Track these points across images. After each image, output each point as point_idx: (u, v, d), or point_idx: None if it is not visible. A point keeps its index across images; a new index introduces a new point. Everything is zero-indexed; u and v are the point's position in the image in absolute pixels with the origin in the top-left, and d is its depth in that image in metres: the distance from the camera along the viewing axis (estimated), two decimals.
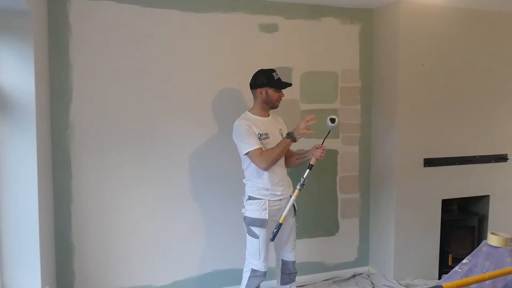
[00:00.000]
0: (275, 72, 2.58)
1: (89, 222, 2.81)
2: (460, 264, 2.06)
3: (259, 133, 2.50)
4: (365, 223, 3.58)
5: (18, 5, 2.02)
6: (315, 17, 3.26)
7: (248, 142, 2.46)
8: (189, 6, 2.92)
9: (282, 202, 2.56)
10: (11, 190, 2.20)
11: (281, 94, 2.60)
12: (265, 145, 2.50)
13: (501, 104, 3.56)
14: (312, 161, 2.55)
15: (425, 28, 3.22)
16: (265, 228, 2.49)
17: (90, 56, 2.73)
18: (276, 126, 2.64)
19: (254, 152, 2.45)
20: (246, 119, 2.53)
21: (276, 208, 2.54)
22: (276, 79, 2.56)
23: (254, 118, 2.57)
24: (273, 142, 2.53)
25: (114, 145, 2.82)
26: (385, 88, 3.36)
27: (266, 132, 2.53)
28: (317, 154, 2.54)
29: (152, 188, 2.93)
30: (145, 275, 2.96)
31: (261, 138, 2.50)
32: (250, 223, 2.51)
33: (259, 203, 2.50)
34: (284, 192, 2.57)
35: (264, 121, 2.58)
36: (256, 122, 2.54)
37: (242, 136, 2.48)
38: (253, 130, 2.49)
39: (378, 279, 3.35)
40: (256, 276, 2.56)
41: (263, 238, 2.50)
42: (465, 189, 3.49)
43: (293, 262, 2.69)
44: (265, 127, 2.55)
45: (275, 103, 2.59)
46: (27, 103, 2.19)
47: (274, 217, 2.54)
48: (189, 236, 3.05)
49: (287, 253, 2.68)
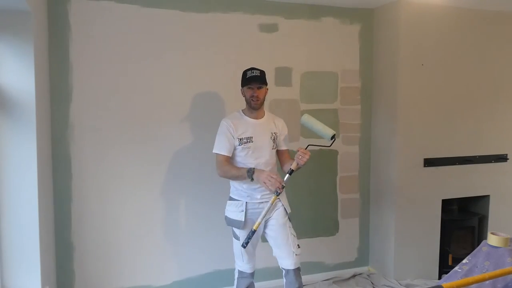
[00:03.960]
0: (253, 69, 2.44)
1: (89, 222, 2.81)
2: (460, 264, 2.06)
3: (240, 137, 2.41)
4: (365, 223, 3.58)
5: (18, 5, 2.02)
6: (315, 17, 3.26)
7: (219, 144, 2.43)
8: (189, 6, 2.92)
9: (263, 206, 2.42)
10: (11, 190, 2.20)
11: (254, 92, 2.39)
12: (244, 150, 2.41)
13: (501, 104, 3.56)
14: (292, 165, 2.35)
15: (425, 28, 3.22)
16: (243, 230, 2.42)
17: (90, 56, 2.73)
18: (268, 130, 2.49)
19: (218, 156, 2.42)
20: (231, 118, 2.47)
21: (256, 211, 2.43)
22: (247, 77, 2.42)
23: (243, 118, 2.48)
24: (255, 147, 2.42)
25: (114, 145, 2.82)
26: (385, 88, 3.36)
27: (250, 136, 2.42)
28: (297, 158, 2.32)
29: (152, 188, 2.94)
30: (145, 275, 2.96)
31: (242, 142, 2.41)
32: (229, 223, 2.50)
33: (237, 204, 2.46)
34: (267, 197, 2.43)
35: (253, 123, 2.47)
36: (243, 123, 2.46)
37: (218, 135, 2.46)
38: (231, 132, 2.40)
39: (378, 279, 3.35)
40: (243, 277, 2.55)
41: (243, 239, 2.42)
42: (465, 189, 3.49)
43: (293, 271, 2.43)
44: (252, 130, 2.44)
45: (251, 102, 2.42)
46: (27, 103, 2.19)
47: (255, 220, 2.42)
48: (189, 236, 3.05)
49: (284, 260, 2.45)
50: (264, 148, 2.45)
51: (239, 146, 2.43)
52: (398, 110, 3.22)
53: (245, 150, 2.42)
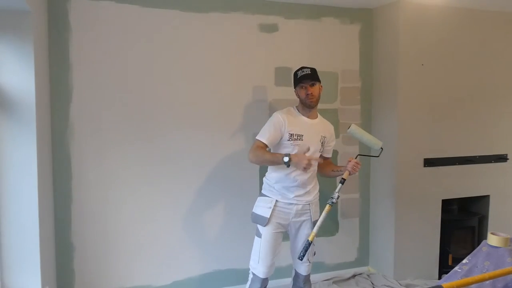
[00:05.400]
0: (302, 68, 2.48)
1: (89, 222, 2.81)
2: (460, 264, 2.06)
3: (291, 132, 2.40)
4: (365, 223, 3.58)
5: (18, 5, 2.02)
6: (315, 17, 3.26)
7: (264, 131, 2.41)
8: (189, 6, 2.92)
9: (295, 208, 2.42)
10: (11, 190, 2.20)
11: (308, 90, 2.41)
12: (292, 145, 2.39)
13: (501, 104, 3.56)
14: (344, 175, 2.41)
15: (425, 28, 3.22)
16: (268, 228, 2.39)
17: (90, 56, 2.73)
18: (319, 132, 2.48)
19: (257, 142, 2.40)
20: (285, 113, 2.46)
21: (286, 211, 2.42)
22: (298, 77, 2.46)
23: (297, 115, 2.48)
24: (303, 145, 2.41)
25: (114, 145, 2.82)
26: (385, 88, 3.36)
27: (301, 134, 2.41)
28: (349, 167, 2.41)
29: (152, 188, 2.93)
30: (145, 275, 2.96)
31: (292, 138, 2.40)
32: (254, 219, 2.48)
33: (267, 200, 2.45)
34: (300, 198, 2.43)
35: (306, 122, 2.47)
36: (297, 119, 2.45)
37: (267, 124, 2.45)
38: (281, 125, 2.39)
39: (378, 279, 3.35)
40: (255, 280, 2.45)
41: (265, 239, 2.40)
42: (465, 189, 3.49)
43: (304, 276, 2.55)
44: (304, 128, 2.43)
45: (306, 101, 2.43)
46: (27, 103, 2.19)
47: (283, 221, 2.43)
48: (189, 236, 3.05)
49: (300, 265, 2.55)
50: (311, 149, 2.44)
51: (288, 141, 2.40)
52: (398, 110, 3.22)
53: (293, 146, 2.40)
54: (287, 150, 2.41)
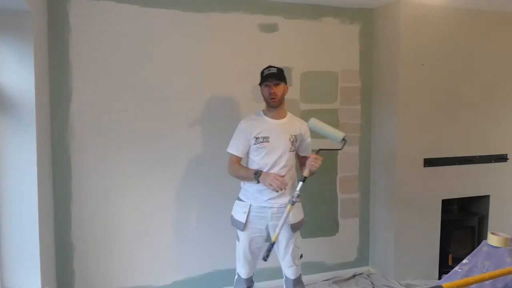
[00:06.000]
0: (269, 67, 2.42)
1: (89, 222, 2.81)
2: (460, 264, 2.06)
3: (256, 136, 2.37)
4: (365, 223, 3.58)
5: (18, 5, 2.02)
6: (315, 17, 3.26)
7: (232, 143, 2.44)
8: (189, 6, 2.92)
9: (269, 211, 2.37)
10: (11, 190, 2.20)
11: (272, 89, 2.35)
12: (260, 149, 2.37)
13: (501, 104, 3.56)
14: (305, 173, 2.28)
15: (425, 28, 3.22)
16: (244, 233, 2.40)
17: (90, 56, 2.73)
18: (287, 131, 2.41)
19: (231, 156, 2.43)
20: (250, 119, 2.46)
21: (261, 215, 2.38)
22: (264, 76, 2.39)
23: (262, 118, 2.45)
24: (271, 147, 2.36)
25: (114, 145, 2.82)
26: (385, 88, 3.36)
27: (267, 136, 2.36)
28: (307, 164, 2.28)
29: (152, 188, 2.93)
30: (145, 275, 2.96)
31: (258, 141, 2.37)
32: (232, 223, 2.49)
33: (242, 205, 2.43)
34: (274, 201, 2.37)
35: (272, 123, 2.42)
36: (261, 122, 2.42)
37: (234, 134, 2.46)
38: (247, 132, 2.39)
39: (378, 279, 3.35)
40: (239, 281, 2.52)
41: (243, 242, 2.42)
42: (465, 189, 3.49)
43: (293, 280, 2.49)
44: (269, 130, 2.39)
45: (268, 100, 2.39)
46: (27, 103, 2.19)
47: (259, 225, 2.40)
48: (189, 236, 3.05)
49: (286, 269, 2.50)
50: (280, 149, 2.36)
51: (254, 145, 2.38)
52: (398, 110, 3.22)
53: (261, 150, 2.36)
54: (256, 154, 2.39)
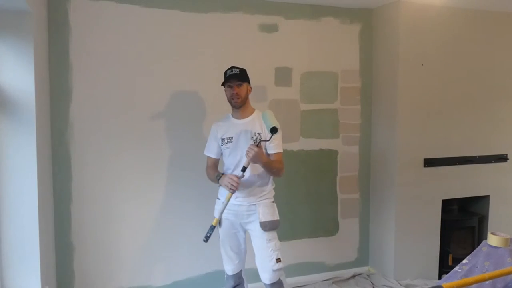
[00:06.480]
0: (232, 68, 2.40)
1: (89, 222, 2.81)
2: (460, 264, 2.06)
3: (222, 137, 2.43)
4: (365, 223, 3.58)
5: (18, 5, 2.02)
6: (315, 17, 3.26)
7: (207, 145, 2.54)
8: (189, 6, 2.92)
9: (239, 209, 2.39)
10: (11, 190, 2.20)
11: (234, 90, 2.34)
12: (225, 150, 2.43)
13: (501, 104, 3.56)
14: (245, 163, 2.27)
15: (425, 28, 3.22)
16: (221, 230, 2.47)
17: (90, 56, 2.73)
18: (250, 130, 2.38)
19: (207, 158, 2.55)
20: (218, 121, 2.52)
21: (232, 213, 2.41)
22: (226, 76, 2.38)
23: (229, 119, 2.48)
24: (234, 147, 2.38)
25: (114, 145, 2.82)
26: (385, 88, 3.36)
27: (230, 136, 2.40)
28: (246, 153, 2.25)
29: (152, 188, 2.93)
30: (145, 275, 2.96)
31: (223, 142, 2.43)
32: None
33: (218, 203, 2.50)
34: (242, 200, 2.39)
35: (235, 123, 2.43)
36: (227, 124, 2.46)
37: (208, 138, 2.56)
38: (216, 134, 2.46)
39: (378, 279, 3.35)
40: (227, 278, 2.59)
41: (222, 240, 2.51)
42: (465, 189, 3.49)
43: (270, 285, 2.36)
44: (233, 130, 2.41)
45: (231, 101, 2.38)
46: (27, 103, 2.19)
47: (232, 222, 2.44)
48: (189, 236, 3.05)
49: (261, 273, 2.39)
50: (243, 148, 2.33)
51: (221, 146, 2.46)
52: (398, 110, 3.22)
53: (226, 150, 2.43)
54: (224, 154, 2.48)
